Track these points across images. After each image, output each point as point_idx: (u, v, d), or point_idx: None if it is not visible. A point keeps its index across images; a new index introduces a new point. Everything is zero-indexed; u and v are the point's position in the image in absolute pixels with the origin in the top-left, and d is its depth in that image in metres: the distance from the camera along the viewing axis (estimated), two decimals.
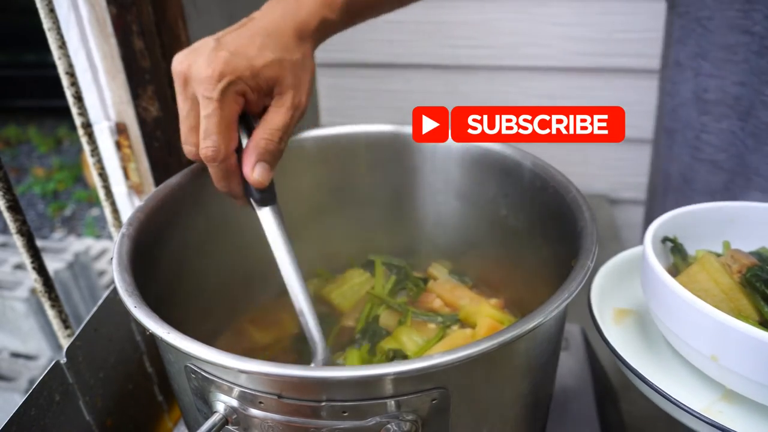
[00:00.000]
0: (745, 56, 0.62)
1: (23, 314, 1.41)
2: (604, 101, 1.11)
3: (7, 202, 0.55)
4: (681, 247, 0.54)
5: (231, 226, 0.60)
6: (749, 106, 0.63)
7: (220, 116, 0.46)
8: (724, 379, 0.45)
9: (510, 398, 0.44)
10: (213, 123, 0.46)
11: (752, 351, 0.41)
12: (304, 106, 0.50)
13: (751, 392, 0.44)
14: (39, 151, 3.15)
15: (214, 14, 0.81)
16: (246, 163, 0.48)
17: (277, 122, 0.48)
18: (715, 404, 0.46)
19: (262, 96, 0.49)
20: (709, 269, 0.48)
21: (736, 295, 0.47)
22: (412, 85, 1.22)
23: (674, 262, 0.54)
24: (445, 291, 0.65)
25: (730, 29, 0.62)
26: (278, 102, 0.49)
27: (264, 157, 0.48)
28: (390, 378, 0.35)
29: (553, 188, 0.53)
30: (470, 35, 1.16)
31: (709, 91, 0.67)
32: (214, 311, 0.60)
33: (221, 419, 0.38)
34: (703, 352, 0.45)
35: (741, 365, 0.42)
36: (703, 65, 0.66)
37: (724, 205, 0.56)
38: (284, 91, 0.49)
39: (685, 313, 0.44)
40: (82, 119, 0.67)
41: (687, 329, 0.45)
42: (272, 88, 0.49)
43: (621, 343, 0.51)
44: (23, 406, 0.46)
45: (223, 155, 0.47)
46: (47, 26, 0.61)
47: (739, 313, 0.45)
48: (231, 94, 0.46)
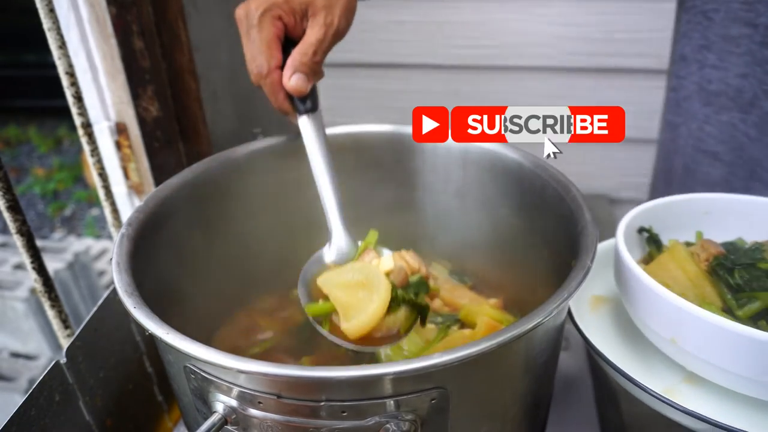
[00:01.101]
0: (748, 48, 0.63)
1: (23, 314, 1.41)
2: (604, 101, 1.10)
3: (7, 202, 0.55)
4: (656, 237, 0.56)
5: (231, 226, 0.60)
6: (752, 97, 0.64)
7: (260, 39, 0.54)
8: (684, 361, 0.48)
9: (510, 398, 0.44)
10: (255, 46, 0.54)
11: (708, 335, 0.43)
12: (337, 24, 0.55)
13: (709, 374, 0.46)
14: (39, 151, 3.15)
15: (214, 14, 0.81)
16: (284, 75, 0.55)
17: (310, 38, 0.54)
18: (677, 386, 0.49)
19: (299, 19, 0.55)
20: (678, 258, 0.51)
21: (701, 282, 0.49)
22: (412, 85, 1.22)
23: (649, 252, 0.56)
24: (445, 291, 0.64)
25: (734, 21, 0.63)
26: (312, 22, 0.55)
27: (299, 69, 0.54)
28: (389, 378, 0.35)
29: (553, 188, 0.53)
30: (470, 35, 1.16)
31: (713, 83, 0.67)
32: (214, 311, 0.60)
33: (220, 419, 0.38)
34: (663, 335, 0.47)
35: (698, 348, 0.45)
36: (708, 57, 0.67)
37: (700, 196, 0.58)
38: (317, 12, 0.54)
39: (649, 298, 0.47)
40: (82, 119, 0.67)
41: (649, 313, 0.48)
42: (306, 11, 0.54)
43: (594, 329, 0.54)
44: (23, 406, 0.46)
45: (266, 71, 0.54)
46: (47, 26, 0.61)
47: (704, 299, 0.48)
48: (268, 18, 0.53)
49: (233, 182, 0.60)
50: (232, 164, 0.60)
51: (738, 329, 0.41)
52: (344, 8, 0.55)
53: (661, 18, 1.05)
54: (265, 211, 0.63)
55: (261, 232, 0.63)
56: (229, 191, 0.60)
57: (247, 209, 0.61)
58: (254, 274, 0.63)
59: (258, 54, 0.54)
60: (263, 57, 0.54)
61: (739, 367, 0.43)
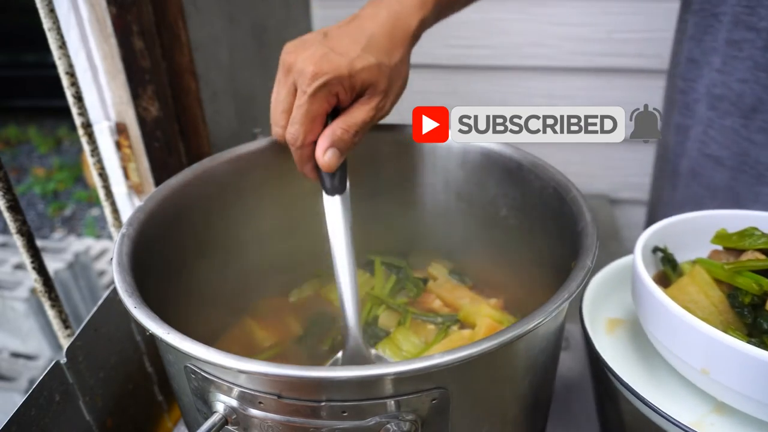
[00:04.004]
0: (750, 53, 0.62)
1: (23, 314, 1.41)
2: (604, 101, 1.11)
3: (7, 202, 0.55)
4: (671, 256, 0.54)
5: (231, 226, 0.60)
6: (755, 102, 0.63)
7: (308, 110, 0.50)
8: (715, 392, 0.45)
9: (510, 398, 0.44)
10: (301, 114, 0.50)
11: (742, 365, 0.41)
12: (386, 111, 0.54)
13: (743, 405, 0.44)
14: (39, 151, 3.15)
15: (214, 14, 0.81)
16: (319, 146, 0.52)
17: (357, 118, 0.52)
18: (707, 417, 0.46)
19: (352, 95, 0.52)
20: (700, 282, 0.48)
21: (725, 308, 0.47)
22: (412, 85, 1.22)
23: (664, 272, 0.54)
24: (445, 291, 0.64)
25: (736, 25, 0.63)
26: (365, 101, 0.52)
27: (336, 144, 0.51)
28: (390, 378, 0.35)
29: (553, 188, 0.53)
30: (470, 35, 1.16)
31: (717, 87, 0.67)
32: (214, 311, 0.60)
33: (221, 419, 0.38)
34: (693, 365, 0.45)
35: (731, 379, 0.42)
36: (713, 61, 0.67)
37: (711, 213, 0.56)
38: (374, 95, 0.52)
39: (676, 327, 0.44)
40: (82, 119, 0.67)
41: (678, 342, 0.46)
42: (365, 90, 0.52)
43: (612, 354, 0.52)
44: (23, 406, 0.46)
45: (301, 143, 0.52)
46: (47, 26, 0.61)
47: (728, 325, 0.46)
48: (324, 92, 0.50)
49: (233, 182, 0.60)
50: (232, 164, 0.60)
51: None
52: (397, 96, 0.54)
53: (661, 18, 1.05)
54: (266, 211, 0.63)
55: (261, 232, 0.63)
56: (229, 191, 0.60)
57: (247, 209, 0.61)
58: (254, 273, 0.63)
59: (299, 123, 0.51)
60: (303, 129, 0.51)
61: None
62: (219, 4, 0.82)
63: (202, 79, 0.76)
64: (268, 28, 0.98)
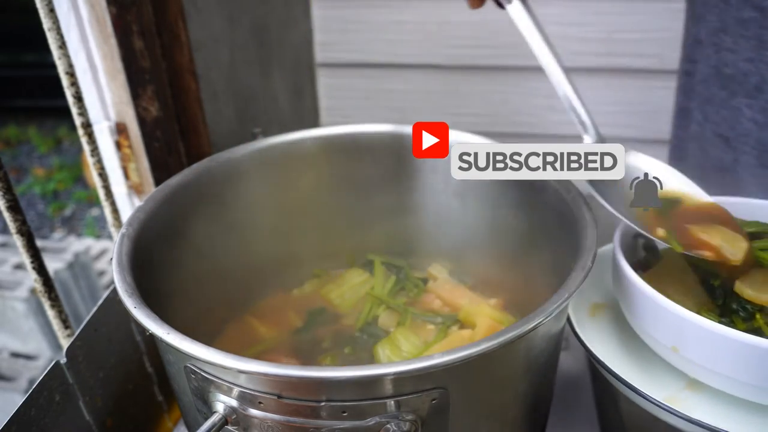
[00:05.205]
0: (756, 32, 0.62)
1: (23, 314, 1.41)
2: (605, 102, 1.11)
3: (7, 202, 0.55)
4: (652, 242, 0.55)
5: (231, 226, 0.60)
6: (759, 82, 0.63)
7: None
8: (686, 368, 0.48)
9: (510, 398, 0.44)
10: None
11: (709, 342, 0.44)
12: None
13: (712, 381, 0.46)
14: (39, 151, 3.15)
15: (214, 14, 0.81)
16: None
17: None
18: (680, 392, 0.49)
19: None
20: (675, 266, 0.51)
21: (699, 290, 0.49)
22: (412, 85, 1.22)
23: (646, 257, 0.56)
24: (445, 291, 0.64)
25: (744, 3, 0.63)
26: None
27: None
28: (390, 378, 0.35)
29: (553, 188, 0.53)
30: (470, 35, 1.15)
31: (728, 66, 0.67)
32: (214, 311, 0.60)
33: (221, 419, 0.38)
34: (664, 343, 0.47)
35: (700, 356, 0.45)
36: (724, 40, 0.66)
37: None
38: None
39: (648, 307, 0.47)
40: (82, 119, 0.67)
41: (650, 321, 0.48)
42: None
43: (593, 335, 0.54)
44: (23, 406, 0.46)
45: None
46: (47, 26, 0.61)
47: (702, 307, 0.48)
48: None
49: (233, 182, 0.60)
50: (232, 164, 0.60)
51: (740, 337, 0.41)
52: None
53: (661, 18, 1.05)
54: (266, 210, 0.63)
55: (261, 232, 0.63)
56: (229, 191, 0.60)
57: (247, 209, 0.61)
58: (255, 273, 0.63)
59: None
60: None
61: (742, 374, 0.43)
62: (219, 4, 0.82)
63: (202, 79, 0.76)
64: (268, 27, 0.98)
